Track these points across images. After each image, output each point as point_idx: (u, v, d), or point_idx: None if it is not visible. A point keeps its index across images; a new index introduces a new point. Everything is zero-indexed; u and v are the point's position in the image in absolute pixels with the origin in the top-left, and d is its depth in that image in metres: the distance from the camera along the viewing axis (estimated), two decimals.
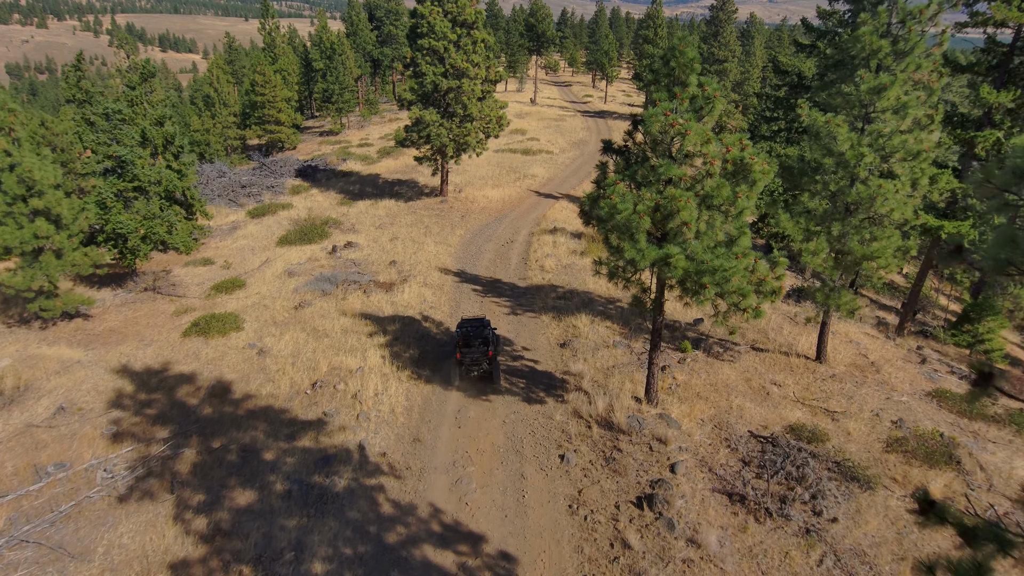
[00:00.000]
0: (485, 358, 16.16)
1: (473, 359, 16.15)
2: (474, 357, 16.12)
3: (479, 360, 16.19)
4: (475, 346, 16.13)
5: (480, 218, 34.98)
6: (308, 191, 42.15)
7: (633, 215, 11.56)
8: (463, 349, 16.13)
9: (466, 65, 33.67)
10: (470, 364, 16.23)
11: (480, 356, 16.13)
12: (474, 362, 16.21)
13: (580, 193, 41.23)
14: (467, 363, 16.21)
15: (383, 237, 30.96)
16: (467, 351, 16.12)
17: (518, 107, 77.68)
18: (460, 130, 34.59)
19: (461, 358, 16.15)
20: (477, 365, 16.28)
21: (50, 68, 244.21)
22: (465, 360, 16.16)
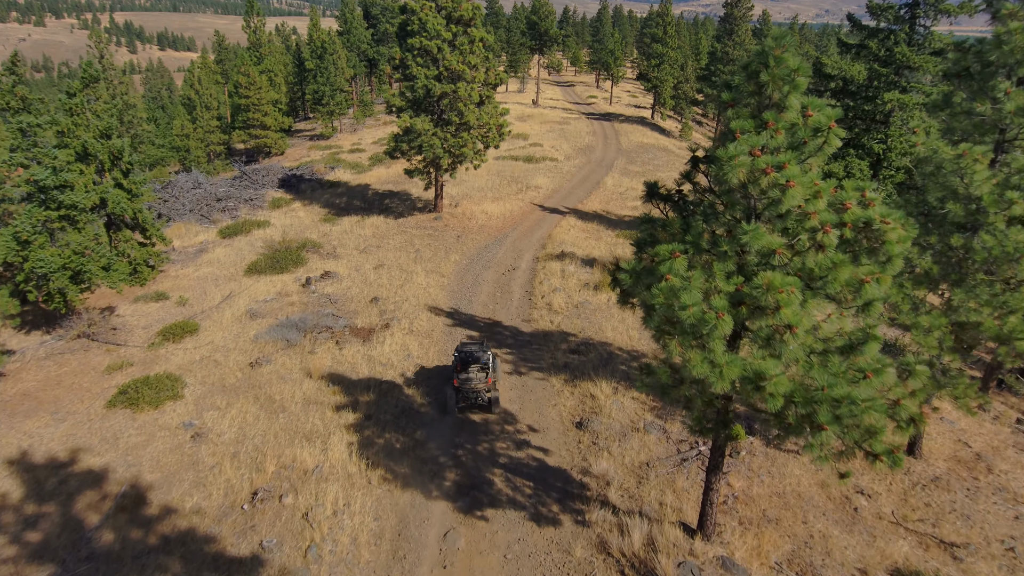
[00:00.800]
0: (484, 385, 15.11)
1: (471, 387, 15.09)
2: (472, 384, 15.07)
3: (477, 388, 15.13)
4: (473, 372, 15.07)
5: (478, 239, 30.85)
6: (290, 205, 38.01)
7: (707, 313, 7.43)
8: (460, 375, 15.07)
9: (462, 67, 29.51)
10: (468, 392, 15.18)
11: (479, 383, 15.09)
12: (472, 390, 15.14)
13: (589, 208, 37.15)
14: (464, 391, 15.15)
15: (366, 264, 26.83)
16: (465, 378, 15.04)
17: (520, 109, 73.50)
18: (455, 140, 30.44)
19: (459, 385, 15.07)
20: (476, 393, 15.20)
21: (46, 67, 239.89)
22: (463, 388, 15.11)
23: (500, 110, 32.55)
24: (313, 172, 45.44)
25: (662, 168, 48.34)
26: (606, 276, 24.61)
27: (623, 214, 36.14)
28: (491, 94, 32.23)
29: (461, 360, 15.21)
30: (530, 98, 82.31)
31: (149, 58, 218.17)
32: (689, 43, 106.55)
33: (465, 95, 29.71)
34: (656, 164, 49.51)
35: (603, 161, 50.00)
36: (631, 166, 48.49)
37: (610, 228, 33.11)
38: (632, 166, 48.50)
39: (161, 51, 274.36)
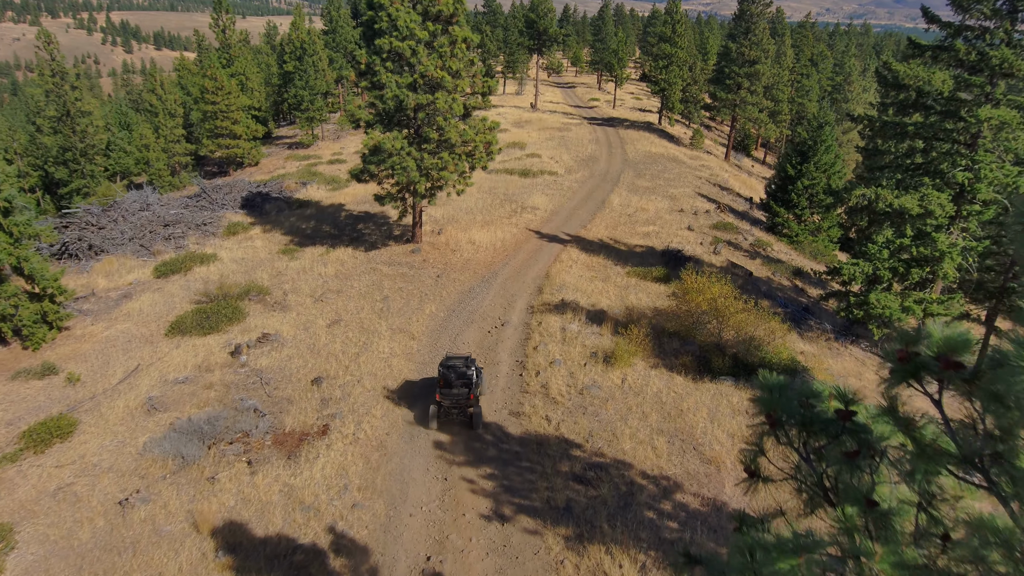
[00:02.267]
0: (467, 401, 14.82)
1: (454, 402, 14.83)
2: (455, 400, 14.80)
3: (460, 403, 14.85)
4: (457, 387, 14.75)
5: (462, 279, 25.34)
6: (248, 231, 32.50)
7: None
8: (443, 390, 14.76)
9: (441, 74, 23.98)
10: (450, 407, 14.93)
11: (461, 399, 14.78)
12: (454, 405, 14.89)
13: (593, 234, 31.63)
14: (446, 406, 14.90)
15: (319, 320, 21.33)
16: (447, 393, 14.73)
17: (517, 113, 67.93)
18: (434, 161, 24.93)
19: (440, 400, 14.80)
20: (457, 408, 14.96)
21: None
22: (444, 403, 14.84)
23: (489, 123, 27.01)
24: (282, 189, 39.91)
25: (674, 183, 42.79)
26: (618, 341, 19.14)
27: (633, 243, 30.62)
28: (478, 104, 26.71)
29: (444, 375, 14.72)
30: (528, 101, 76.73)
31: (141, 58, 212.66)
32: (695, 43, 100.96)
33: (445, 107, 24.18)
34: (667, 178, 43.97)
35: (608, 175, 44.45)
36: (639, 180, 42.96)
37: (619, 263, 27.60)
38: (640, 180, 42.97)
39: (157, 51, 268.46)
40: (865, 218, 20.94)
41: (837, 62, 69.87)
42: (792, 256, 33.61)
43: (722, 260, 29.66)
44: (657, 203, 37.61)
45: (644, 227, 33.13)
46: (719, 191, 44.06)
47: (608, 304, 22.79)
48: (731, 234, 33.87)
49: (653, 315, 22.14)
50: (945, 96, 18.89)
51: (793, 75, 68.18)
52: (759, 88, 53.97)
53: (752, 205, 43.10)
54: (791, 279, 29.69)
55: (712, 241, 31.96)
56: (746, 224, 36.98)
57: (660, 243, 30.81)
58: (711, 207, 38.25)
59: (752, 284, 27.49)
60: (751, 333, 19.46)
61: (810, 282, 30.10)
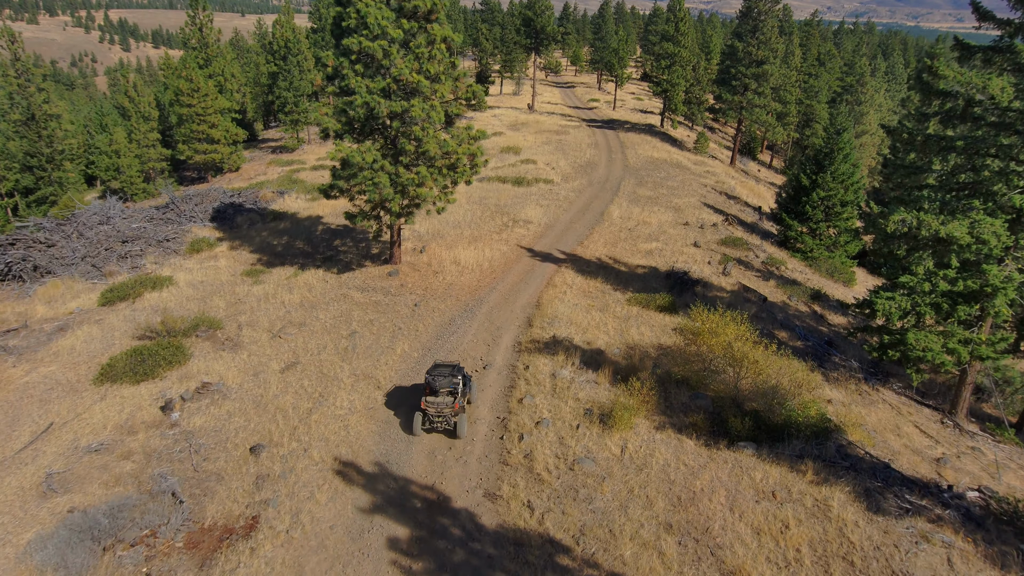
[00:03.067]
0: (450, 410, 14.62)
1: (438, 410, 14.65)
2: (439, 408, 14.65)
3: (443, 412, 14.64)
4: (441, 396, 14.69)
5: (442, 308, 22.41)
6: (213, 249, 29.57)
7: None
8: (428, 398, 14.70)
9: (417, 78, 21.01)
10: (434, 416, 14.68)
11: (445, 408, 14.61)
12: (438, 413, 14.66)
13: (591, 253, 28.68)
14: (431, 414, 14.67)
15: (273, 363, 18.42)
16: (432, 401, 14.65)
17: (513, 115, 64.93)
18: (411, 176, 21.97)
19: (425, 408, 14.64)
20: (441, 417, 14.70)
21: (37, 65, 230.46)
22: (429, 410, 14.64)
23: (474, 133, 24.07)
24: (257, 199, 36.97)
25: (678, 192, 39.80)
26: (618, 393, 16.23)
27: (635, 263, 27.66)
28: (461, 111, 23.75)
29: (430, 383, 14.75)
30: (526, 102, 73.69)
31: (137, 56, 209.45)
32: (698, 42, 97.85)
33: (422, 115, 21.21)
34: (670, 187, 40.97)
35: (607, 183, 41.46)
36: (641, 189, 39.97)
37: (619, 287, 24.65)
38: (642, 189, 39.98)
39: (155, 49, 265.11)
40: (903, 246, 18.01)
41: (847, 62, 66.76)
42: (808, 275, 30.64)
43: (733, 283, 26.71)
44: (660, 215, 34.64)
45: (646, 243, 30.17)
46: (726, 200, 41.08)
47: (606, 342, 19.83)
48: (741, 251, 30.92)
49: (657, 355, 19.20)
50: (1002, 106, 15.91)
51: (800, 75, 65.10)
52: (767, 90, 50.91)
53: (761, 216, 40.12)
54: (809, 304, 26.72)
55: (721, 260, 29.01)
56: (756, 238, 34.03)
57: (664, 263, 27.86)
58: (718, 219, 35.29)
59: (767, 311, 24.55)
60: (774, 383, 16.52)
61: (829, 306, 27.15)
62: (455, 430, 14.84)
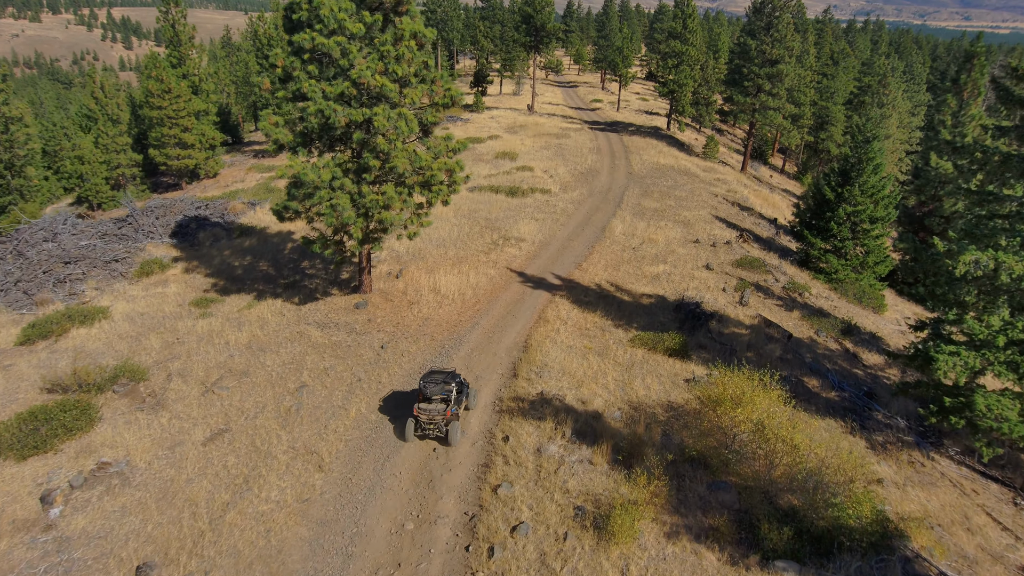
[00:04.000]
0: (442, 417, 14.27)
1: (429, 417, 14.29)
2: (430, 415, 14.28)
3: (435, 419, 14.29)
4: (434, 404, 14.44)
5: (412, 352, 18.96)
6: (165, 271, 26.17)
7: None
8: (421, 405, 14.42)
9: (380, 81, 17.52)
10: (426, 422, 14.37)
11: (436, 415, 14.27)
12: (430, 420, 14.33)
13: (589, 277, 25.19)
14: (423, 421, 14.37)
15: (197, 430, 14.99)
16: (425, 408, 14.34)
17: (512, 117, 61.35)
18: (376, 198, 18.49)
19: (418, 415, 14.34)
20: (433, 424, 14.38)
21: (38, 63, 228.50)
22: (421, 417, 14.33)
23: (454, 144, 20.57)
24: (225, 211, 33.55)
25: (686, 202, 36.21)
26: (618, 482, 12.74)
27: (639, 291, 24.15)
28: (439, 119, 20.23)
29: (423, 389, 14.42)
30: (526, 103, 70.08)
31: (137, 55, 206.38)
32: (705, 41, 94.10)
33: (386, 125, 17.71)
34: (678, 197, 37.37)
35: (609, 192, 37.90)
36: (646, 200, 36.40)
37: (621, 322, 21.16)
38: (647, 200, 36.42)
39: (157, 46, 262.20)
40: (973, 291, 14.51)
41: (864, 61, 62.91)
42: (834, 301, 27.05)
43: (752, 315, 23.17)
44: (668, 231, 31.08)
45: (652, 266, 26.63)
46: (739, 212, 37.47)
47: (605, 400, 16.34)
48: (759, 273, 27.35)
49: (667, 417, 15.72)
50: None
51: (815, 75, 61.31)
52: (782, 91, 47.21)
53: (778, 230, 36.50)
54: (839, 339, 23.16)
55: (737, 286, 25.46)
56: (775, 257, 30.44)
57: (673, 290, 24.33)
58: (732, 235, 31.70)
59: (793, 351, 21.02)
60: (815, 466, 12.99)
61: (862, 341, 23.58)
62: (447, 437, 14.64)
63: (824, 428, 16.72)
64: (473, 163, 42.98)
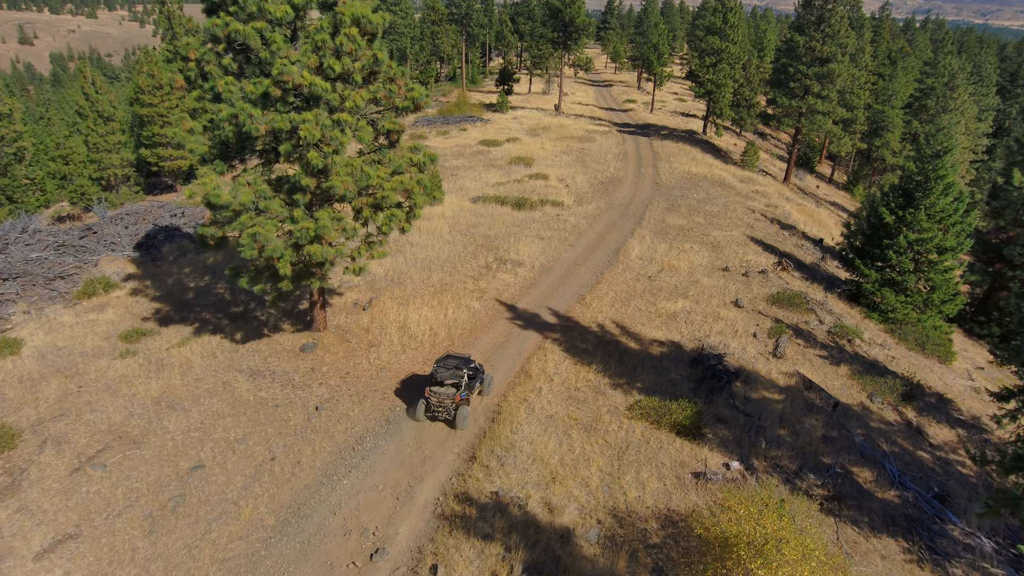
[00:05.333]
0: (451, 401, 14.32)
1: (439, 400, 14.38)
2: (440, 398, 14.37)
3: (444, 403, 14.37)
4: (444, 387, 14.45)
5: (353, 418, 15.04)
6: (111, 292, 22.88)
7: None
8: (432, 387, 14.48)
9: (309, 79, 13.60)
10: (436, 405, 14.45)
11: (446, 398, 14.34)
12: (439, 403, 14.41)
13: (592, 315, 20.95)
14: (433, 403, 14.45)
15: (34, 539, 11.31)
16: (435, 391, 14.39)
17: (536, 118, 57.06)
18: (309, 225, 14.60)
19: (428, 396, 14.44)
20: (442, 408, 14.45)
21: (91, 58, 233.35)
22: (431, 400, 14.42)
23: (422, 157, 16.57)
24: (201, 220, 30.23)
25: (718, 219, 31.45)
26: None
27: (649, 336, 19.75)
28: (398, 126, 16.23)
29: (435, 373, 14.41)
30: (554, 103, 65.64)
31: None
32: (750, 38, 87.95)
33: (316, 135, 13.78)
34: (709, 213, 32.63)
35: (631, 206, 33.39)
36: (671, 216, 31.78)
37: (621, 382, 16.87)
38: (673, 216, 31.79)
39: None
40: None
41: (927, 61, 56.58)
42: (891, 349, 22.15)
43: (788, 373, 18.56)
44: (692, 255, 26.51)
45: (670, 301, 22.16)
46: (778, 231, 32.53)
47: (581, 508, 12.12)
48: (799, 313, 22.63)
49: (662, 539, 11.45)
50: None
51: (870, 76, 55.29)
52: (832, 93, 41.76)
53: (824, 253, 31.45)
54: (899, 407, 18.38)
55: (772, 330, 20.82)
56: (819, 290, 25.61)
57: (691, 336, 19.88)
58: (768, 261, 26.93)
59: (840, 425, 16.41)
60: None
61: (928, 406, 18.75)
62: (454, 421, 14.66)
63: (881, 552, 12.21)
64: (483, 169, 38.94)
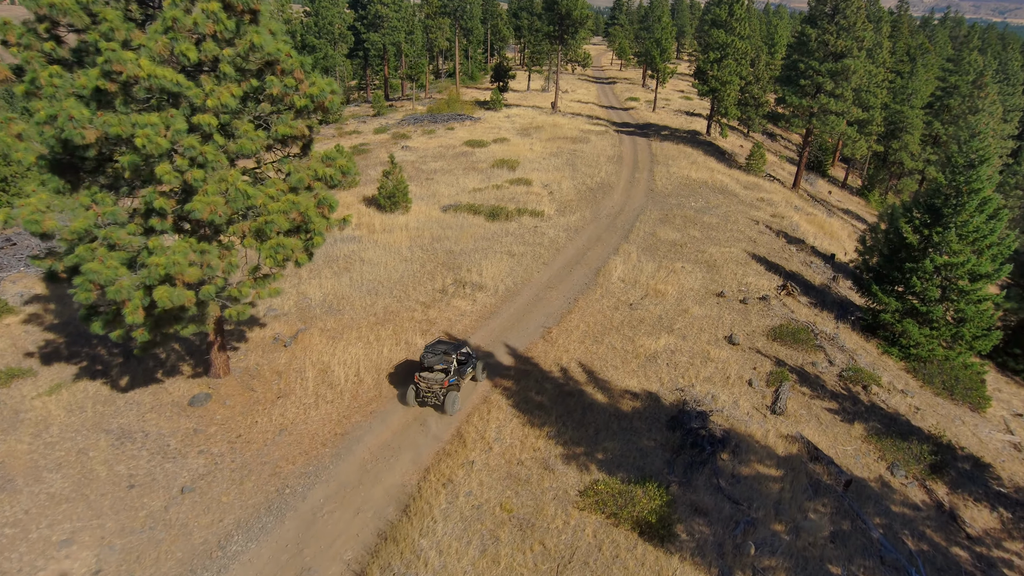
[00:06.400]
0: (439, 387, 14.14)
1: (428, 385, 14.21)
2: (429, 384, 14.19)
3: (433, 388, 14.18)
4: (433, 372, 14.24)
5: (224, 505, 11.64)
6: (5, 318, 19.62)
7: None
8: (422, 373, 14.31)
9: (152, 70, 10.14)
10: (425, 390, 14.29)
11: (434, 384, 14.13)
12: (428, 389, 14.25)
13: (555, 354, 17.43)
14: (422, 389, 14.31)
15: None
16: (424, 376, 14.23)
17: (530, 116, 53.43)
18: (159, 260, 11.17)
19: (418, 382, 14.33)
20: (431, 393, 14.27)
21: None
22: (420, 385, 14.30)
23: (331, 171, 13.15)
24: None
25: (717, 233, 27.76)
26: None
27: (621, 384, 16.19)
28: (296, 131, 12.76)
29: (423, 358, 14.22)
30: (552, 100, 61.93)
31: None
32: (761, 34, 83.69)
33: (157, 145, 10.34)
34: (707, 224, 28.92)
35: (619, 217, 29.76)
36: (664, 228, 28.10)
37: (577, 453, 13.37)
38: (665, 228, 28.12)
39: None
40: None
41: (950, 58, 52.30)
42: (915, 395, 18.44)
43: (789, 438, 14.94)
44: (683, 277, 22.89)
45: (651, 337, 18.57)
46: (784, 246, 28.78)
47: None
48: (805, 351, 18.97)
49: None
50: None
51: (888, 73, 51.13)
52: (847, 92, 37.82)
53: (836, 273, 27.67)
54: (926, 481, 14.71)
55: (771, 377, 17.20)
56: (829, 319, 21.93)
57: (672, 385, 16.31)
58: (771, 284, 23.26)
59: (854, 512, 12.79)
60: None
61: (962, 477, 15.08)
62: (443, 406, 14.30)
63: None
64: (463, 173, 35.43)
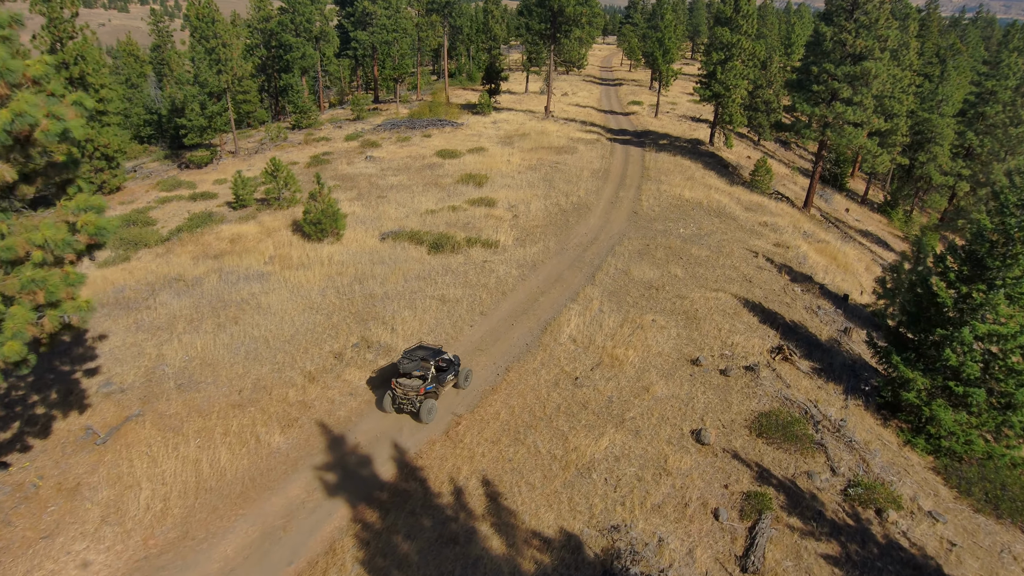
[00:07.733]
0: (415, 394, 13.75)
1: (404, 392, 13.77)
2: (405, 391, 13.77)
3: (409, 395, 13.76)
4: (410, 379, 13.86)
5: None
6: None
7: None
8: (399, 379, 13.91)
9: None
10: (401, 396, 13.83)
11: (410, 391, 13.73)
12: (404, 396, 13.80)
13: (449, 469, 12.56)
14: (398, 395, 13.86)
15: None
16: (401, 383, 13.81)
17: (519, 122, 48.62)
18: None
19: (394, 388, 13.91)
20: (407, 400, 13.85)
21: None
22: (397, 392, 13.87)
23: (79, 241, 8.56)
24: None
25: (704, 269, 22.76)
26: None
27: (531, 523, 11.38)
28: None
29: (400, 364, 13.91)
30: (545, 104, 56.97)
31: None
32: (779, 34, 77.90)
33: None
34: (694, 258, 23.92)
35: (589, 248, 24.88)
36: (640, 265, 23.17)
37: None
38: (642, 265, 23.18)
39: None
40: None
41: (986, 60, 46.47)
42: (947, 520, 13.41)
43: None
44: (652, 335, 18.03)
45: (591, 434, 13.78)
46: (787, 285, 23.70)
47: None
48: (799, 453, 14.05)
49: None
50: None
51: (914, 77, 45.42)
52: (868, 99, 32.46)
53: (848, 322, 22.53)
54: None
55: (747, 502, 12.33)
56: (837, 395, 16.93)
57: (604, 524, 11.53)
58: (763, 346, 18.29)
59: None
60: None
61: None
62: (419, 414, 13.90)
63: None
64: (422, 190, 30.81)
